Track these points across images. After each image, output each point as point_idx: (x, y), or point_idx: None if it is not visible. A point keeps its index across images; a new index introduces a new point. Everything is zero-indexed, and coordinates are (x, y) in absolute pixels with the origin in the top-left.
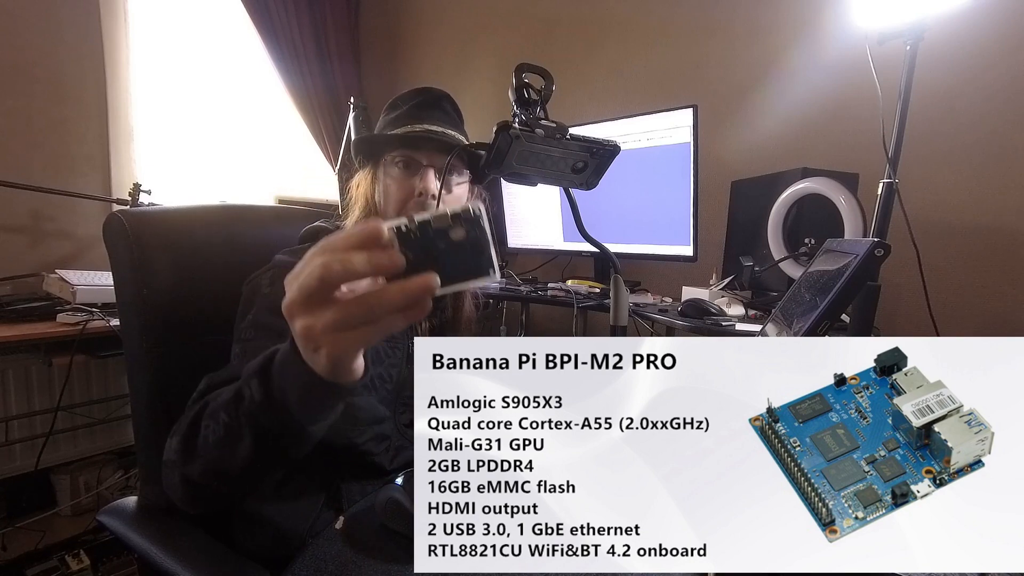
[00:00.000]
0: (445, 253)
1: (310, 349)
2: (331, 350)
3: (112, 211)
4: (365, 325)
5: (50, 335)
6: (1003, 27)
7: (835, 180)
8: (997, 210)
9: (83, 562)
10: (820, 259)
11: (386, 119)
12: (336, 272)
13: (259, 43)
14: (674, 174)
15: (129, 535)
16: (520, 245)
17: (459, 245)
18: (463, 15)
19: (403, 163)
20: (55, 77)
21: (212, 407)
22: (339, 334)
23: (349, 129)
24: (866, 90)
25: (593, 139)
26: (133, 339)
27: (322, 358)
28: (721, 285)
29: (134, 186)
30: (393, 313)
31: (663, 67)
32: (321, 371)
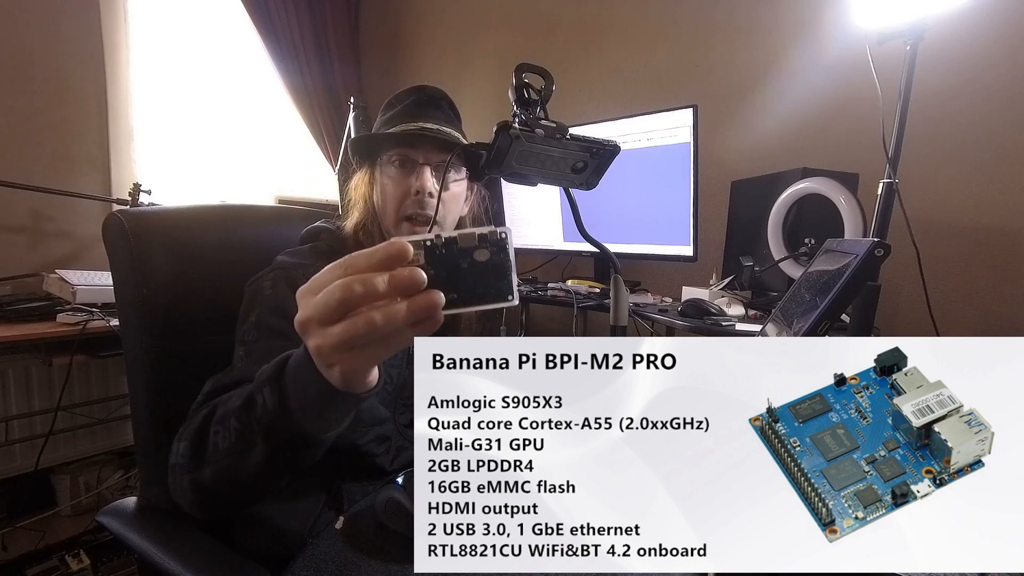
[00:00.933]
0: (468, 273)
1: (324, 365)
2: (344, 368)
3: (112, 211)
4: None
5: (50, 335)
6: (1003, 27)
7: (835, 180)
8: (997, 210)
9: (83, 562)
10: (820, 259)
11: (382, 118)
12: (358, 294)
13: (259, 43)
14: (674, 174)
15: (129, 536)
16: (520, 245)
17: (482, 266)
18: (463, 15)
19: (399, 161)
20: (55, 77)
21: (222, 412)
22: (351, 352)
23: (349, 129)
24: (866, 90)
25: (593, 139)
26: (133, 339)
27: (336, 374)
28: (721, 285)
29: (134, 186)
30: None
31: (663, 67)
32: (336, 384)
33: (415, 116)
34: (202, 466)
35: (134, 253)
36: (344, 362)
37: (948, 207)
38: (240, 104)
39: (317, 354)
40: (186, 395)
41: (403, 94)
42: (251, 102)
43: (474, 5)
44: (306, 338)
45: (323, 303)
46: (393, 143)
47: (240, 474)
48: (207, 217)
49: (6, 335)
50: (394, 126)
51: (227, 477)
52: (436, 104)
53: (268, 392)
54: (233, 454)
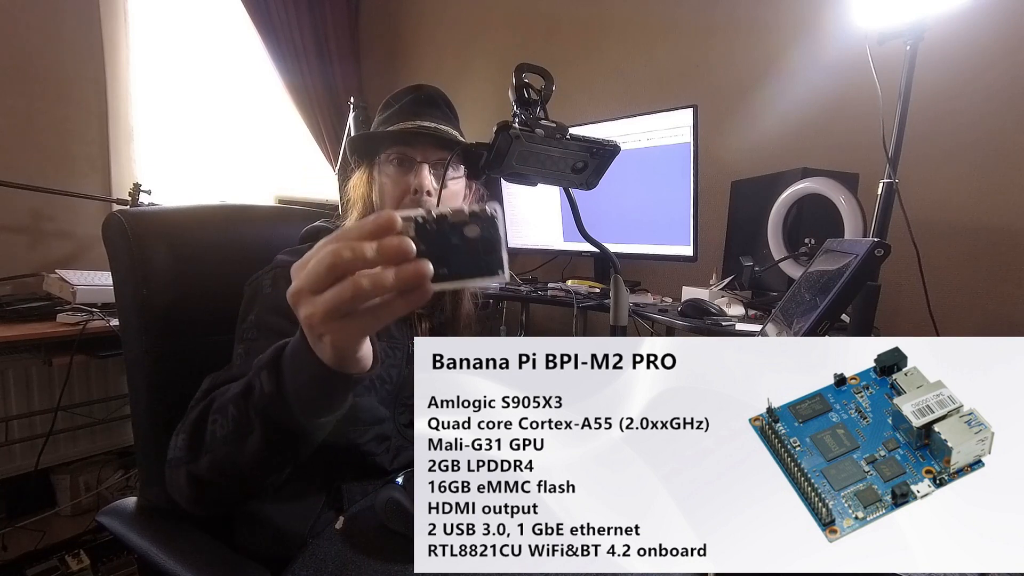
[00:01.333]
0: (458, 248)
1: (315, 337)
2: (334, 338)
3: (112, 211)
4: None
5: (50, 335)
6: (1003, 27)
7: (835, 180)
8: (997, 210)
9: (83, 562)
10: (820, 259)
11: (380, 118)
12: (346, 259)
13: (259, 43)
14: (674, 174)
15: (129, 535)
16: (520, 245)
17: (473, 242)
18: (463, 15)
19: (398, 160)
20: (55, 77)
21: (220, 402)
22: (340, 321)
23: (349, 129)
24: (866, 90)
25: (593, 139)
26: (133, 339)
27: (327, 347)
28: (721, 285)
29: (134, 186)
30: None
31: (663, 67)
32: (328, 361)
33: (413, 115)
34: (199, 456)
35: (134, 253)
36: (333, 331)
37: (948, 207)
38: (240, 104)
39: (308, 325)
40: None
41: (401, 93)
42: (251, 102)
43: (474, 5)
44: (298, 310)
45: (313, 271)
46: (391, 142)
47: (238, 463)
48: (207, 217)
49: (6, 335)
50: (392, 125)
51: (225, 466)
52: (434, 103)
53: (265, 376)
54: (231, 441)
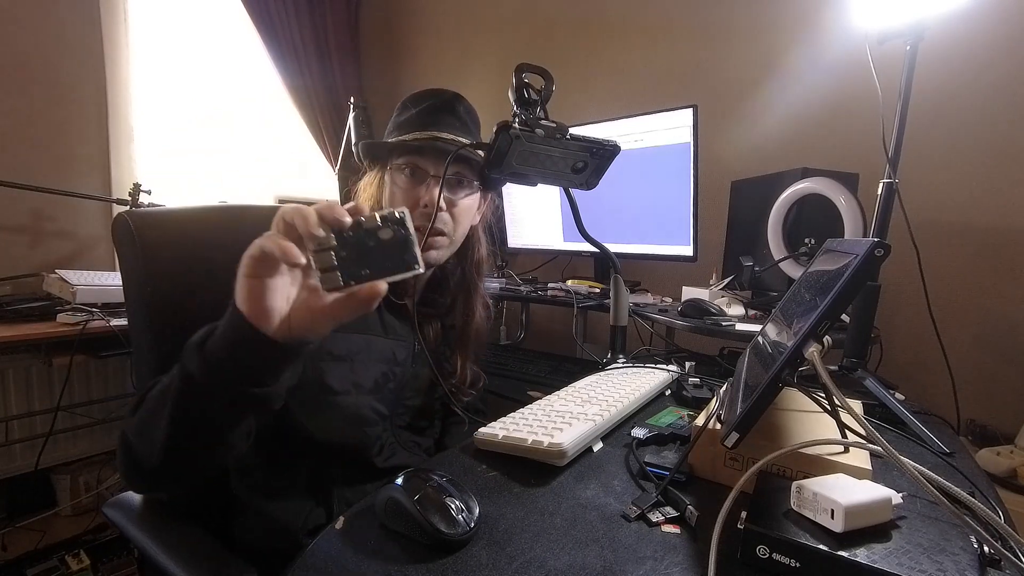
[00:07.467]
0: (375, 250)
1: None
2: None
3: (119, 212)
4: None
5: (50, 335)
6: (1003, 27)
7: (835, 180)
8: (997, 210)
9: (83, 562)
10: (820, 259)
11: (396, 120)
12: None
13: (259, 43)
14: (674, 174)
15: (129, 528)
16: (520, 245)
17: (387, 243)
18: (463, 15)
19: (410, 171)
20: (55, 77)
21: None
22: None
23: (349, 129)
24: (866, 90)
25: (593, 139)
26: (140, 338)
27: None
28: (721, 285)
29: (134, 186)
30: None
31: (663, 67)
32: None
33: (428, 123)
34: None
35: (140, 254)
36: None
37: (948, 207)
38: (240, 104)
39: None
40: None
41: (418, 96)
42: (251, 102)
43: (474, 5)
44: None
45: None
46: (403, 151)
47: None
48: (212, 217)
49: (6, 335)
50: (406, 132)
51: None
52: (451, 110)
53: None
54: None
